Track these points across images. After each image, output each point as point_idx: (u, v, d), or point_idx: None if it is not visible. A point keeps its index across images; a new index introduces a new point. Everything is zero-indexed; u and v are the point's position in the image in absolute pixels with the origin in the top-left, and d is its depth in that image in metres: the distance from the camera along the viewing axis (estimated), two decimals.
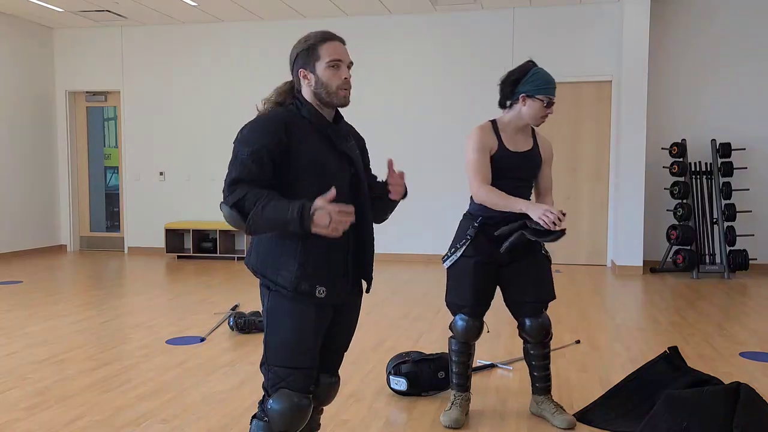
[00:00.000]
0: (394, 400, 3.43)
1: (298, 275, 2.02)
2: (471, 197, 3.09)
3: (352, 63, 2.12)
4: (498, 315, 5.36)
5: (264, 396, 2.08)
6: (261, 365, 2.10)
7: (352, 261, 2.15)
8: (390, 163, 2.23)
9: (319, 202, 1.86)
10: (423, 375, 3.46)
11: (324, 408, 2.27)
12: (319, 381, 2.21)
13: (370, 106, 8.58)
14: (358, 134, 2.31)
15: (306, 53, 2.08)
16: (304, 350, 2.04)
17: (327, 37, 2.09)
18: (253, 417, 2.11)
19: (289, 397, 2.02)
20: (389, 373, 3.49)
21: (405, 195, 2.25)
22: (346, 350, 2.28)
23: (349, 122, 2.34)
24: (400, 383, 3.45)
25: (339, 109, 2.22)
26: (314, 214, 1.85)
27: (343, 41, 2.12)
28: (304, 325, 2.04)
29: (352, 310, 2.24)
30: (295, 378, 2.03)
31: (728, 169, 7.54)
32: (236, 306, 5.62)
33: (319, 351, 2.15)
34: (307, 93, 2.10)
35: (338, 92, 2.07)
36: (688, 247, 7.43)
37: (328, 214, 1.84)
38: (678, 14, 7.89)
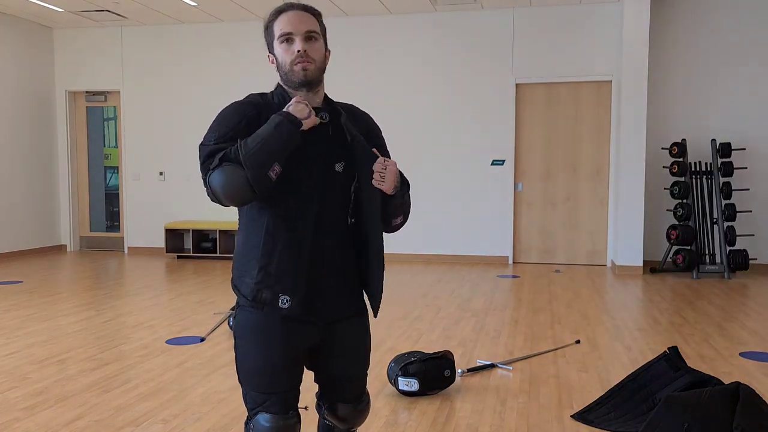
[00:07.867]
0: (394, 399, 3.43)
1: (258, 280, 1.80)
2: None
3: (315, 32, 1.83)
4: (499, 315, 5.36)
5: (248, 417, 1.92)
6: (240, 383, 1.92)
7: (341, 269, 1.88)
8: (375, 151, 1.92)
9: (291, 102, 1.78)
10: (431, 373, 3.46)
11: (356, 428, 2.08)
12: (336, 409, 2.00)
13: (370, 106, 8.57)
14: (365, 119, 2.01)
15: (266, 35, 1.88)
16: (277, 374, 1.84)
17: (280, 9, 1.84)
18: None
19: (271, 421, 1.85)
20: (397, 375, 3.46)
21: (400, 188, 1.90)
22: (357, 380, 2.00)
23: (353, 106, 2.04)
24: (411, 384, 3.42)
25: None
26: (291, 109, 1.75)
27: (303, 7, 1.84)
28: (270, 347, 1.83)
29: (351, 333, 1.94)
30: (273, 402, 1.85)
31: (728, 169, 7.54)
32: (236, 306, 5.61)
33: (323, 378, 1.98)
34: (279, 78, 1.89)
35: (292, 68, 1.81)
36: (688, 247, 7.43)
37: (300, 104, 1.76)
38: (678, 14, 7.89)
